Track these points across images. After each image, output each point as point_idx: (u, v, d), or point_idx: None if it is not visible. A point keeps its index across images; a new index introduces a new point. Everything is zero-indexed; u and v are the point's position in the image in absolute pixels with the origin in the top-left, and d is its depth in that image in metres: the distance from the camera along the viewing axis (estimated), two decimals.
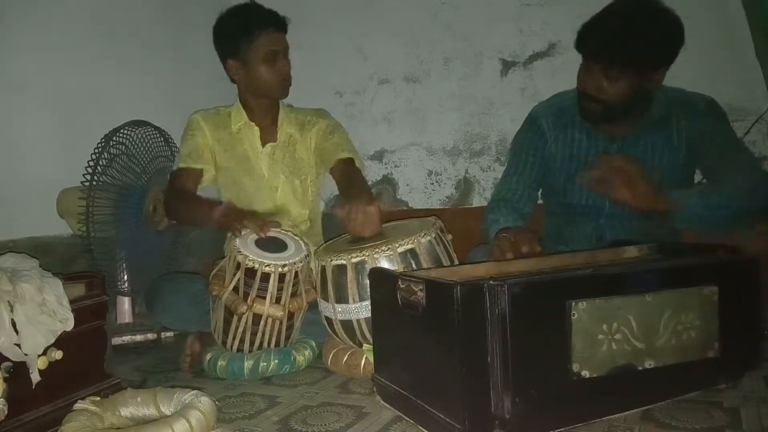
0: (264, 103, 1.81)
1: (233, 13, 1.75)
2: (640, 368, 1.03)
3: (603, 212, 1.58)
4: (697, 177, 1.63)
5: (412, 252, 1.36)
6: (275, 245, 1.49)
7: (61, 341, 1.14)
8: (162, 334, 1.83)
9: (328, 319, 1.46)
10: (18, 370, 1.06)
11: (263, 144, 1.82)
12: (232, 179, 1.82)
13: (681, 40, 1.39)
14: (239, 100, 1.83)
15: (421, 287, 1.04)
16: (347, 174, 1.75)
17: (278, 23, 1.72)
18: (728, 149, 1.49)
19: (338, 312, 1.41)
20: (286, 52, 1.75)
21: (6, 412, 1.03)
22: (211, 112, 1.83)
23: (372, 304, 1.26)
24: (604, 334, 1.01)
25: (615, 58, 1.37)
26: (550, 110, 1.63)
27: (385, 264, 1.34)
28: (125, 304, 1.86)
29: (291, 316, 1.50)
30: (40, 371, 1.10)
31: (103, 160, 1.69)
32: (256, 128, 1.82)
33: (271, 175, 1.82)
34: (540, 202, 1.75)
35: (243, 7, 1.77)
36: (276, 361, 1.47)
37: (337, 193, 2.06)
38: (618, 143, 1.55)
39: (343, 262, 1.37)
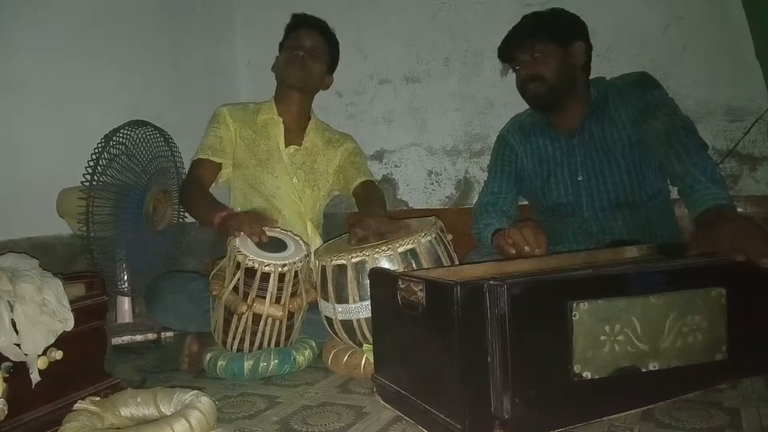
0: (293, 98, 1.86)
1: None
2: (644, 370, 1.03)
3: (583, 208, 1.63)
4: None
5: (413, 252, 1.36)
6: (275, 245, 1.50)
7: (61, 341, 1.14)
8: (162, 334, 1.82)
9: (329, 319, 1.46)
10: (18, 370, 1.06)
11: (287, 144, 1.86)
12: (250, 176, 1.83)
13: (574, 18, 1.62)
14: (274, 95, 1.90)
15: (421, 287, 1.04)
16: (367, 192, 1.81)
17: (313, 22, 1.90)
18: (670, 119, 1.50)
19: (338, 312, 1.41)
20: (313, 50, 1.84)
21: (6, 412, 1.03)
22: (239, 107, 1.89)
23: (372, 304, 1.26)
24: (606, 335, 1.00)
25: (526, 30, 1.60)
26: (513, 128, 1.78)
27: (385, 264, 1.34)
28: (125, 304, 1.86)
29: (291, 316, 1.50)
30: (40, 371, 1.10)
31: (103, 160, 1.68)
32: (282, 125, 1.86)
33: (288, 174, 1.84)
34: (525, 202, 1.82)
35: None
36: (276, 361, 1.47)
37: (337, 193, 2.07)
38: (577, 137, 1.63)
39: (344, 261, 1.37)
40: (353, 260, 1.36)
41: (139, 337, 1.81)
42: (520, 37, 1.60)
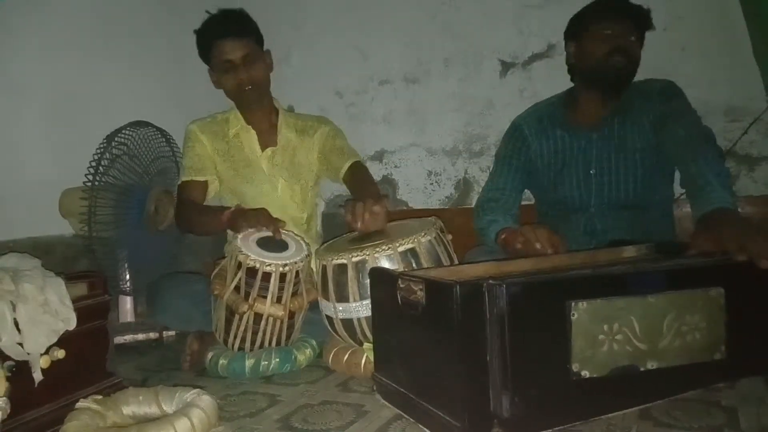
0: (255, 107, 1.81)
1: (204, 21, 1.77)
2: (642, 369, 1.04)
3: (591, 204, 1.64)
4: None
5: (413, 251, 1.37)
6: (276, 245, 1.50)
7: (64, 340, 1.15)
8: (164, 333, 1.83)
9: (329, 318, 1.47)
10: (20, 369, 1.07)
11: (263, 148, 1.83)
12: (232, 188, 1.82)
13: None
14: (235, 105, 1.84)
15: (421, 287, 1.04)
16: (357, 177, 1.78)
17: (230, 31, 1.70)
18: (692, 126, 1.52)
19: (339, 311, 1.41)
20: (247, 58, 1.71)
21: (8, 411, 1.03)
22: (207, 121, 1.84)
23: (372, 304, 1.27)
24: (605, 334, 1.01)
25: (632, 13, 1.58)
26: (530, 118, 1.75)
27: (385, 263, 1.35)
28: (127, 303, 1.87)
29: (292, 315, 1.51)
30: (42, 370, 1.11)
31: (105, 161, 1.70)
32: (254, 132, 1.83)
33: (270, 179, 1.82)
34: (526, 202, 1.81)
35: (212, 16, 1.77)
36: (277, 359, 1.48)
37: (337, 193, 2.08)
38: (597, 132, 1.63)
39: (344, 261, 1.38)
40: (354, 260, 1.37)
41: (140, 336, 1.82)
42: (626, 15, 1.58)
